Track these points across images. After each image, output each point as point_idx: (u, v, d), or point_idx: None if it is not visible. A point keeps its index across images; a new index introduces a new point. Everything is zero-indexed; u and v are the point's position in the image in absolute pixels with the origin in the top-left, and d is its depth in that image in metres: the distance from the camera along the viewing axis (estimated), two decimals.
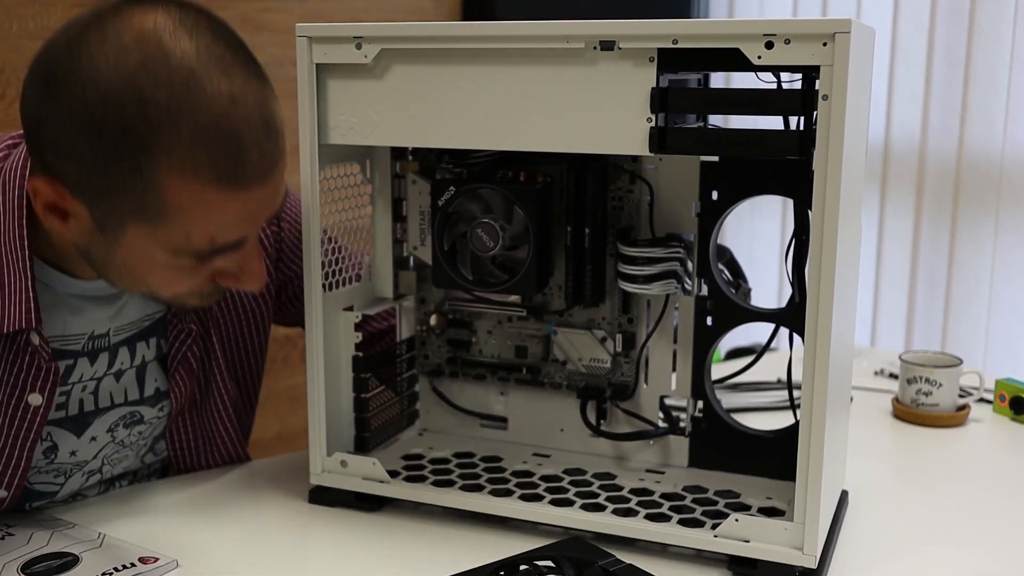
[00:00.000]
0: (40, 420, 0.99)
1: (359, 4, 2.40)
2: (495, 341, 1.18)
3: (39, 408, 0.98)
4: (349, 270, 1.11)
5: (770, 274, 2.77)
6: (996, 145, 2.28)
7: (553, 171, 1.07)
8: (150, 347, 1.09)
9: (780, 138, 0.89)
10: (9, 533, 0.99)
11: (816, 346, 0.88)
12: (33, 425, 0.99)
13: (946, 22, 2.34)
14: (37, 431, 0.99)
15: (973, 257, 2.35)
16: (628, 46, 0.89)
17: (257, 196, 0.90)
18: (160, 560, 0.95)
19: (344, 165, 1.10)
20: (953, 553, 1.01)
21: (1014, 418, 1.39)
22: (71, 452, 1.06)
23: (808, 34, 0.84)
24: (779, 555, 0.92)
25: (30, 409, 0.98)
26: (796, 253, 1.02)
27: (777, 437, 1.08)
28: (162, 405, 1.12)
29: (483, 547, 0.99)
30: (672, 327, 1.09)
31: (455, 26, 1.00)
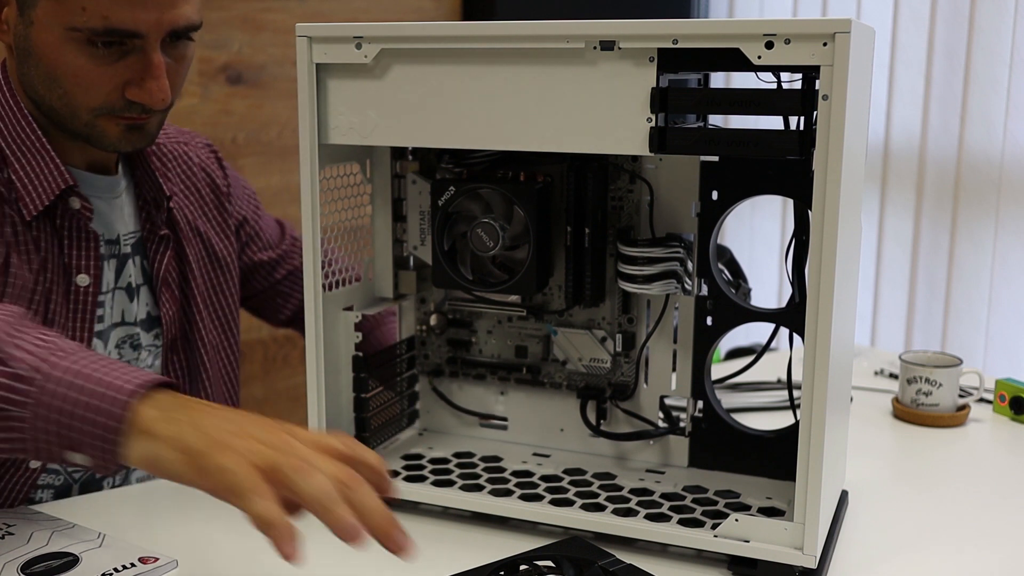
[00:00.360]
0: (92, 301, 1.08)
1: (359, 4, 2.40)
2: (495, 341, 1.18)
3: (88, 288, 1.07)
4: (339, 273, 1.11)
5: (770, 274, 2.77)
6: (996, 145, 2.28)
7: (553, 171, 1.07)
8: (136, 267, 1.18)
9: (780, 138, 0.89)
10: (9, 532, 0.99)
11: (816, 346, 0.88)
12: (87, 306, 1.08)
13: (946, 22, 2.34)
14: (92, 312, 1.08)
15: (973, 257, 2.35)
16: (628, 46, 0.89)
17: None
18: (160, 560, 0.95)
19: (344, 165, 1.10)
20: (953, 553, 1.01)
21: (1014, 418, 1.39)
22: None
23: (808, 34, 0.84)
24: (779, 555, 0.92)
25: (80, 290, 1.07)
26: (796, 253, 1.02)
27: (777, 437, 1.08)
28: (156, 332, 1.20)
29: (483, 547, 1.00)
30: (672, 327, 1.09)
31: (455, 26, 1.00)
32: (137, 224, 1.20)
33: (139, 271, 1.20)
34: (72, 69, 1.03)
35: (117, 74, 1.04)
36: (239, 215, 1.36)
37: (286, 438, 0.74)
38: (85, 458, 0.76)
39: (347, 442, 0.77)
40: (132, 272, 1.18)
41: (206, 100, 2.22)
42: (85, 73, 1.03)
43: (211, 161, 1.33)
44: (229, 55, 2.23)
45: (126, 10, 1.00)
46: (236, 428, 0.73)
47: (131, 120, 1.08)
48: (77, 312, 1.09)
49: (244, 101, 2.27)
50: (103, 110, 1.06)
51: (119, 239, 1.16)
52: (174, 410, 0.75)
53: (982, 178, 2.31)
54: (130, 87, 1.05)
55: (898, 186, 2.49)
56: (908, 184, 2.46)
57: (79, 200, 1.09)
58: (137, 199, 1.21)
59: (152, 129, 1.12)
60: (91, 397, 0.75)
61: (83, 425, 0.74)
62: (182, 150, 1.30)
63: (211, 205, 1.30)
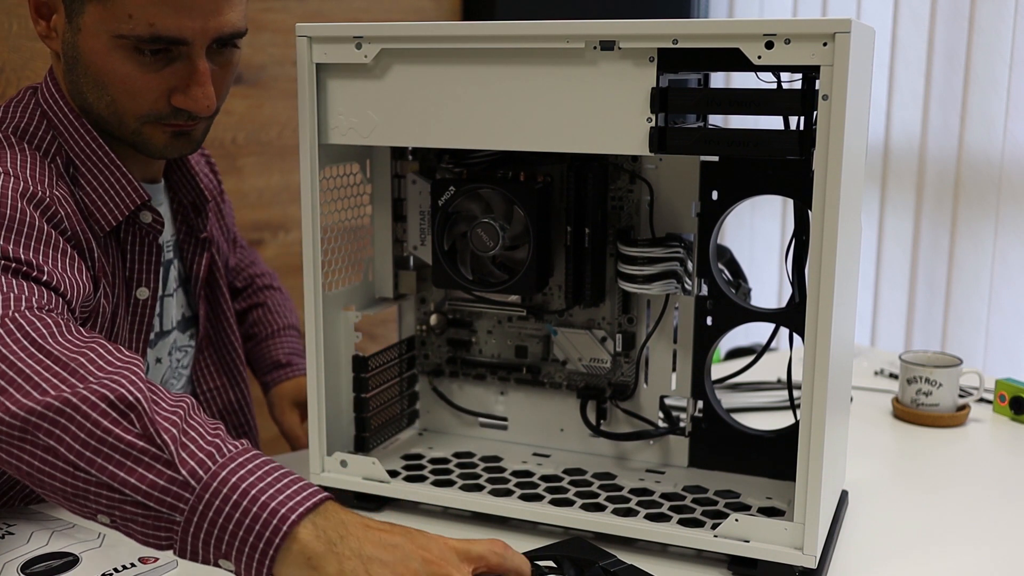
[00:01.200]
0: (150, 313, 1.10)
1: (359, 4, 2.40)
2: (495, 341, 1.18)
3: (147, 301, 1.09)
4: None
5: (770, 274, 2.77)
6: (996, 145, 2.28)
7: (553, 171, 1.07)
8: (175, 268, 1.20)
9: (780, 138, 0.89)
10: (9, 532, 0.99)
11: (816, 346, 0.88)
12: (145, 318, 1.10)
13: (946, 22, 2.34)
14: (150, 324, 1.10)
15: (973, 257, 2.35)
16: (628, 46, 0.89)
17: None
18: (160, 560, 0.95)
19: (344, 165, 1.10)
20: (953, 553, 1.01)
21: (1014, 418, 1.39)
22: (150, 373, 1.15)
23: (808, 34, 0.84)
24: (779, 555, 0.92)
25: (139, 303, 1.09)
26: (796, 253, 1.02)
27: (777, 437, 1.08)
28: (191, 332, 1.23)
29: None
30: (672, 327, 1.09)
31: (455, 26, 1.00)
32: (173, 228, 1.20)
33: (176, 274, 1.21)
34: (119, 76, 1.02)
35: (163, 81, 1.04)
36: (228, 223, 1.39)
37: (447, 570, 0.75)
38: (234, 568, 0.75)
39: (500, 551, 0.79)
40: (173, 276, 1.20)
41: None
42: (132, 80, 1.03)
43: (207, 169, 1.35)
44: None
45: (172, 18, 0.99)
46: (399, 564, 0.74)
47: (177, 127, 1.07)
48: (135, 324, 1.10)
49: (244, 101, 2.27)
50: (150, 117, 1.05)
51: (163, 245, 1.16)
52: (337, 541, 0.74)
53: (982, 178, 2.31)
54: (176, 94, 1.04)
55: (898, 186, 2.48)
56: (908, 184, 2.46)
57: (151, 214, 1.09)
58: (172, 203, 1.20)
59: (198, 136, 1.11)
60: (249, 517, 0.73)
61: (237, 542, 0.73)
62: (194, 157, 1.31)
63: (215, 212, 1.32)
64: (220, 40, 1.04)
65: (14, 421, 0.74)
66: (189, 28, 1.01)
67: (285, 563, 0.73)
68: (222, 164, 2.07)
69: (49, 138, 1.05)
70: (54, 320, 0.83)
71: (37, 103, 1.08)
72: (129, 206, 1.06)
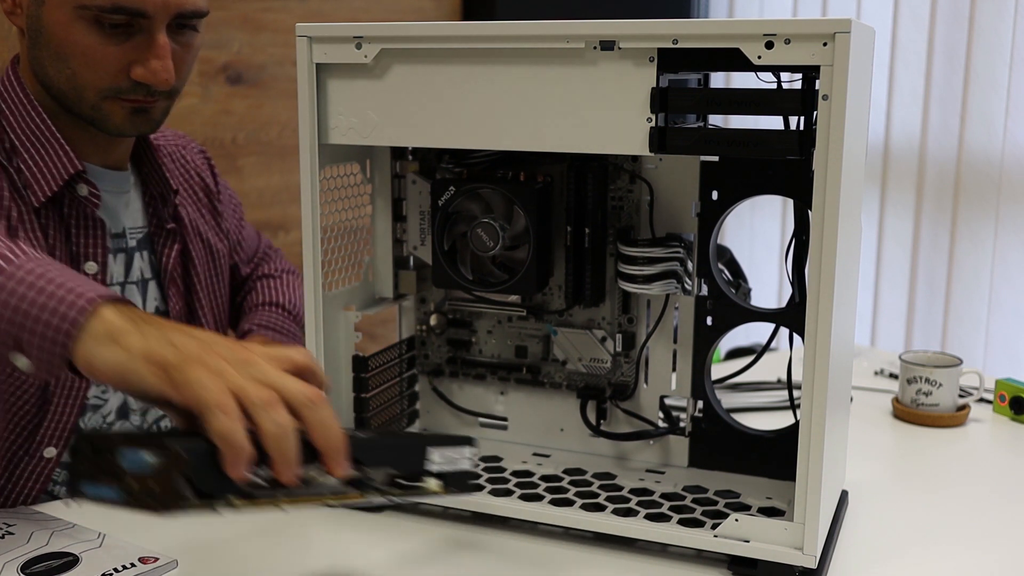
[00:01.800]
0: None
1: (359, 4, 2.40)
2: (495, 341, 1.18)
3: (96, 275, 1.09)
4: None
5: (770, 274, 2.78)
6: (996, 145, 2.28)
7: (553, 171, 1.07)
8: (145, 260, 1.20)
9: (780, 138, 0.89)
10: (9, 532, 0.99)
11: (816, 346, 0.88)
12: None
13: (946, 22, 2.34)
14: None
15: (973, 257, 2.35)
16: (628, 46, 0.89)
17: None
18: (160, 560, 0.95)
19: (344, 165, 1.10)
20: (953, 553, 1.01)
21: (1014, 418, 1.39)
22: None
23: (808, 34, 0.84)
24: (779, 555, 0.92)
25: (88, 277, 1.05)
26: (796, 253, 1.02)
27: (777, 437, 1.08)
28: None
29: (483, 547, 1.00)
30: (672, 327, 1.09)
31: (455, 26, 1.00)
32: (144, 220, 1.22)
33: (147, 265, 1.21)
34: (80, 48, 1.05)
35: (124, 54, 1.06)
36: (229, 226, 1.38)
37: (253, 358, 0.73)
38: (28, 363, 0.72)
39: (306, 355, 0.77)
40: (140, 267, 1.20)
41: (206, 100, 2.22)
42: (92, 52, 1.05)
43: (204, 166, 1.35)
44: (229, 55, 2.24)
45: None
46: (206, 347, 0.71)
47: (136, 103, 1.10)
48: None
49: (244, 101, 2.27)
50: (109, 91, 1.08)
51: (125, 233, 1.18)
52: (142, 322, 0.72)
53: (982, 178, 2.31)
54: (135, 67, 1.07)
55: (898, 186, 2.49)
56: (908, 184, 2.46)
57: (87, 187, 1.10)
58: (144, 195, 1.23)
59: (157, 115, 1.13)
60: (48, 298, 0.71)
61: (35, 325, 0.71)
62: (180, 152, 1.32)
63: (206, 206, 1.32)
64: (181, 17, 1.07)
65: None
66: (150, 1, 1.04)
67: (85, 340, 0.70)
68: (222, 164, 2.07)
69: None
70: None
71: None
72: (63, 175, 1.07)
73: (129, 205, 1.20)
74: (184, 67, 1.12)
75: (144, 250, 1.21)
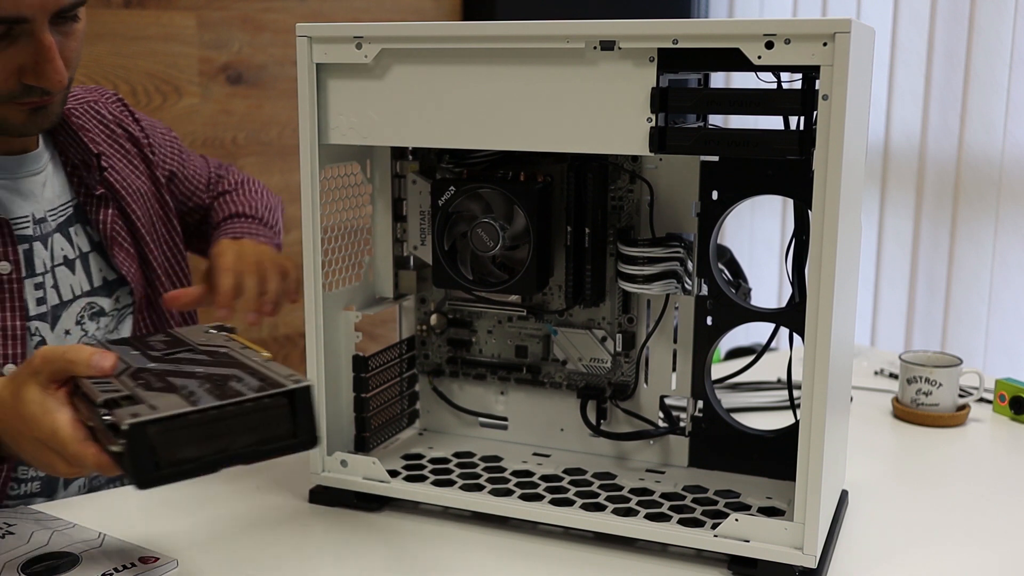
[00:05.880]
0: (18, 288, 1.07)
1: (359, 4, 2.40)
2: (495, 341, 1.18)
3: (11, 275, 1.07)
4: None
5: (770, 274, 2.78)
6: (996, 145, 2.28)
7: (553, 171, 1.07)
8: (79, 235, 1.17)
9: (780, 138, 0.89)
10: (9, 532, 0.99)
11: (816, 346, 0.88)
12: (13, 293, 1.07)
13: (946, 22, 2.34)
14: (19, 299, 1.07)
15: (973, 257, 2.35)
16: (628, 46, 0.89)
17: None
18: (160, 560, 0.95)
19: (344, 165, 1.10)
20: (953, 553, 1.01)
21: (1014, 418, 1.39)
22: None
23: (808, 34, 0.84)
24: (779, 555, 0.92)
25: (2, 278, 1.06)
26: (796, 253, 1.02)
27: (777, 437, 1.08)
28: (117, 295, 1.20)
29: (483, 547, 1.00)
30: (672, 327, 1.09)
31: (455, 26, 1.00)
32: (71, 192, 1.19)
33: (84, 239, 1.18)
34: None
35: (10, 61, 1.03)
36: (166, 169, 1.33)
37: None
38: None
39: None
40: (73, 242, 1.17)
41: (206, 100, 2.22)
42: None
43: (124, 114, 1.31)
44: (229, 55, 2.24)
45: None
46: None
47: (33, 104, 1.07)
48: (5, 300, 1.08)
49: (244, 101, 2.27)
50: (3, 98, 1.05)
51: (46, 217, 1.15)
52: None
53: (982, 178, 2.31)
54: (26, 72, 1.04)
55: (898, 186, 2.49)
56: (908, 184, 2.46)
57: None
58: (66, 167, 1.19)
59: (56, 108, 1.10)
60: None
61: None
62: (94, 109, 1.27)
63: (136, 157, 1.28)
64: (61, 12, 1.03)
65: None
66: (27, 5, 1.00)
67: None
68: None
69: None
70: None
71: None
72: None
73: (47, 183, 1.16)
74: (73, 57, 1.08)
75: (76, 223, 1.18)
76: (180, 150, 1.38)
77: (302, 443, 0.80)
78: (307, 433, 0.80)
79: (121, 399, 0.77)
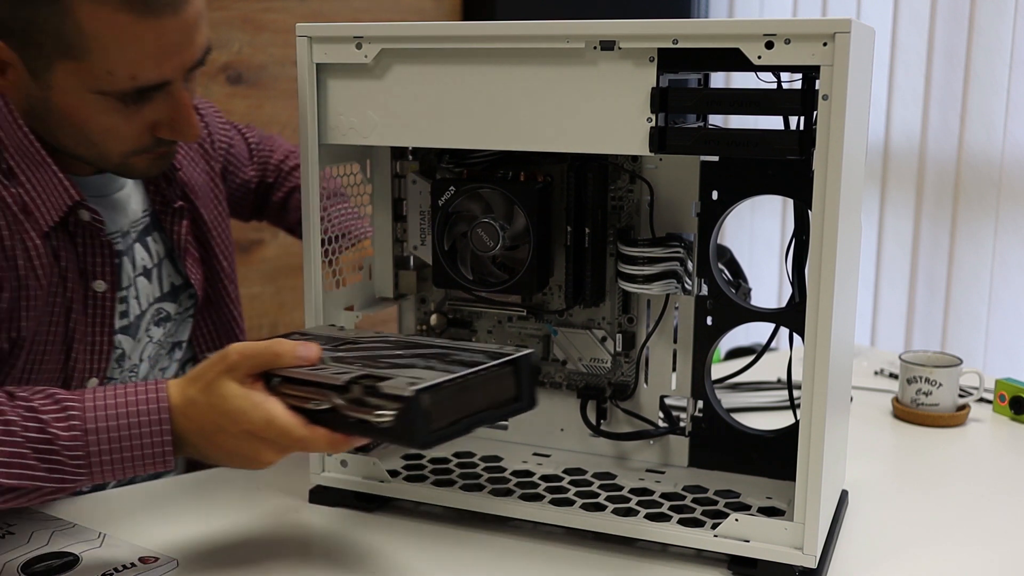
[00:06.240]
0: (111, 305, 1.07)
1: (359, 4, 2.40)
2: (495, 341, 1.18)
3: (105, 293, 1.07)
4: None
5: (770, 274, 2.78)
6: (996, 145, 2.28)
7: (553, 171, 1.07)
8: (156, 242, 1.17)
9: (780, 138, 0.89)
10: (9, 532, 0.99)
11: (816, 346, 0.88)
12: (106, 311, 1.07)
13: (946, 22, 2.34)
14: (111, 315, 1.07)
15: (973, 257, 2.35)
16: (628, 46, 0.89)
17: (171, 28, 0.94)
18: (160, 560, 0.95)
19: (344, 165, 1.10)
20: (953, 553, 1.01)
21: (1014, 418, 1.39)
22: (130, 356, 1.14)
23: (808, 34, 0.84)
24: (779, 555, 0.92)
25: (97, 296, 1.06)
26: (796, 253, 1.02)
27: (777, 437, 1.08)
28: (181, 299, 1.20)
29: (483, 547, 1.00)
30: (672, 327, 1.09)
31: (455, 26, 1.00)
32: (146, 203, 1.19)
33: (160, 246, 1.19)
34: (103, 125, 1.01)
35: (145, 119, 1.02)
36: (221, 158, 1.33)
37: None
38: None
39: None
40: (151, 251, 1.18)
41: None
42: (115, 126, 1.01)
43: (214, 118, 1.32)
44: (229, 55, 2.23)
45: (152, 66, 0.97)
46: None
47: (160, 152, 1.07)
48: (96, 317, 1.09)
49: (244, 101, 2.27)
50: (135, 152, 1.05)
51: (129, 230, 1.16)
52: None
53: (982, 178, 2.31)
54: (160, 127, 1.03)
55: (898, 186, 2.49)
56: (908, 184, 2.46)
57: (88, 212, 1.07)
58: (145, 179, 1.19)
59: (176, 150, 1.11)
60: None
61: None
62: None
63: (197, 154, 1.28)
64: (193, 66, 1.03)
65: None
66: (169, 69, 0.99)
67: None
68: None
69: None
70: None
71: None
72: (62, 207, 1.04)
73: (130, 198, 1.17)
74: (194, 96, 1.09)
75: (152, 233, 1.18)
76: (230, 127, 1.37)
77: (526, 405, 0.91)
78: (528, 396, 0.91)
79: (359, 379, 0.83)
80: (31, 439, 0.87)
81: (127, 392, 0.89)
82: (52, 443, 0.87)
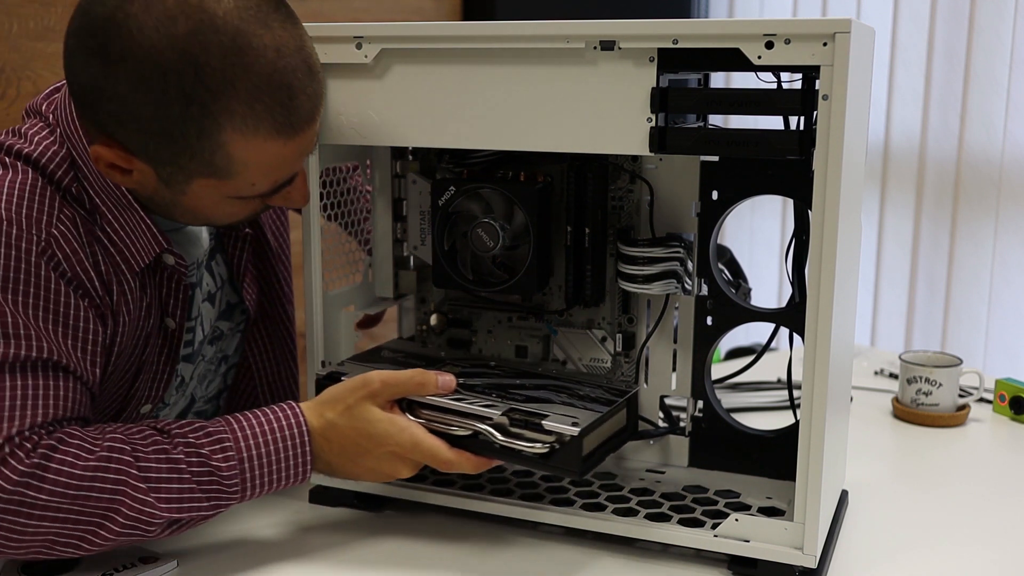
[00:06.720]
0: (178, 340, 1.08)
1: (359, 4, 2.40)
2: (495, 341, 1.18)
3: (174, 331, 1.08)
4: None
5: (770, 274, 2.78)
6: (996, 145, 2.28)
7: (553, 171, 1.07)
8: (219, 264, 1.16)
9: (780, 138, 0.89)
10: None
11: (816, 346, 0.88)
12: (174, 344, 1.08)
13: (946, 22, 2.34)
14: (178, 349, 1.09)
15: (973, 257, 2.35)
16: (628, 46, 0.89)
17: (309, 134, 0.94)
18: (160, 560, 0.95)
19: (344, 165, 1.10)
20: (953, 553, 1.01)
21: (1014, 418, 1.39)
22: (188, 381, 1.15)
23: (808, 34, 0.84)
24: (779, 555, 0.92)
25: (168, 332, 1.08)
26: (796, 253, 1.02)
27: (777, 437, 1.08)
28: (234, 316, 1.19)
29: (483, 547, 1.00)
30: (672, 327, 1.09)
31: (455, 26, 1.00)
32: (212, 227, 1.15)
33: (223, 268, 1.17)
34: (229, 215, 1.00)
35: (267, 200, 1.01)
36: None
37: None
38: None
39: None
40: (215, 275, 1.16)
41: None
42: (240, 211, 1.01)
43: None
44: None
45: (290, 169, 0.96)
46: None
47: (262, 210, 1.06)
48: (165, 348, 1.08)
49: None
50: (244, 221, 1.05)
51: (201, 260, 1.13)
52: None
53: (982, 178, 2.31)
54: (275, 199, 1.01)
55: (898, 186, 2.49)
56: (908, 184, 2.46)
57: (173, 257, 1.04)
58: None
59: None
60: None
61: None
62: None
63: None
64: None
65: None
66: (300, 162, 0.98)
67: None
68: None
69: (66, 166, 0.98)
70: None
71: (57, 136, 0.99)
72: (150, 254, 1.02)
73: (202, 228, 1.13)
74: None
75: (215, 256, 1.15)
76: None
77: (633, 435, 1.07)
78: (633, 426, 1.07)
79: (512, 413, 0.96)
80: (195, 474, 0.91)
81: (267, 420, 0.95)
82: (213, 475, 0.92)
